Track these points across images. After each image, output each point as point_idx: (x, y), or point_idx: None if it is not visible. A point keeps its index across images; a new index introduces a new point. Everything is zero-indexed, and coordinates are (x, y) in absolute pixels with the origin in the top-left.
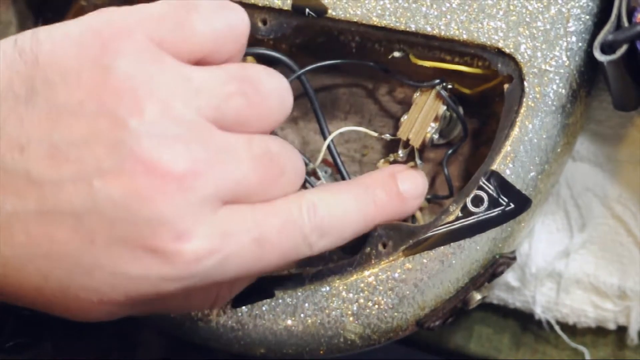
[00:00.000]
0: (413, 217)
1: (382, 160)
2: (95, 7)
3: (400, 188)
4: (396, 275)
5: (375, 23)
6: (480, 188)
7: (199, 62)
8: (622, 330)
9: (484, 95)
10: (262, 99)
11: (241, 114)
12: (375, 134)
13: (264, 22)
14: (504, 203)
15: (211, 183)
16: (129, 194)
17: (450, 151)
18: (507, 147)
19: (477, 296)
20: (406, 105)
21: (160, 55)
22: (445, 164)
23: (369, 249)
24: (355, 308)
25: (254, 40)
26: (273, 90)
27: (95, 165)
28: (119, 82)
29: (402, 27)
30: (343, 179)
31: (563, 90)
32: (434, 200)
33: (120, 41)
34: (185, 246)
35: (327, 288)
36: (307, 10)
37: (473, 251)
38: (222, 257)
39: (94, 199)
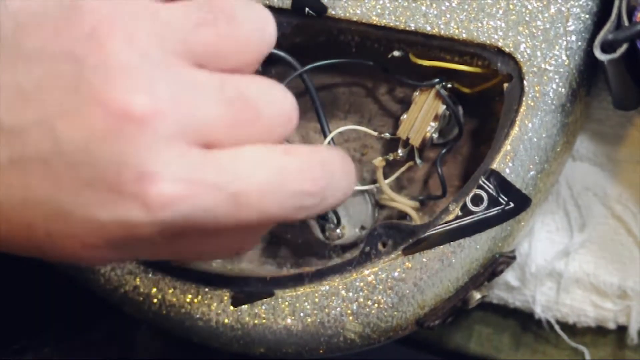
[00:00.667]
0: (409, 217)
1: (379, 159)
2: None
3: None
4: (396, 274)
5: (374, 22)
6: (480, 187)
7: None
8: (622, 329)
9: (483, 94)
10: (234, 29)
11: (212, 46)
12: (375, 133)
13: None
14: (504, 202)
15: (174, 123)
16: (89, 136)
17: (444, 150)
18: (507, 146)
19: (477, 295)
20: (406, 104)
21: None
22: (439, 163)
23: (368, 248)
24: (355, 307)
25: None
26: (249, 20)
27: (56, 108)
28: (82, 21)
29: (402, 26)
30: None
31: (563, 90)
32: (427, 200)
33: None
34: (150, 188)
35: (327, 287)
36: (306, 9)
37: (473, 250)
38: (192, 206)
39: (57, 143)
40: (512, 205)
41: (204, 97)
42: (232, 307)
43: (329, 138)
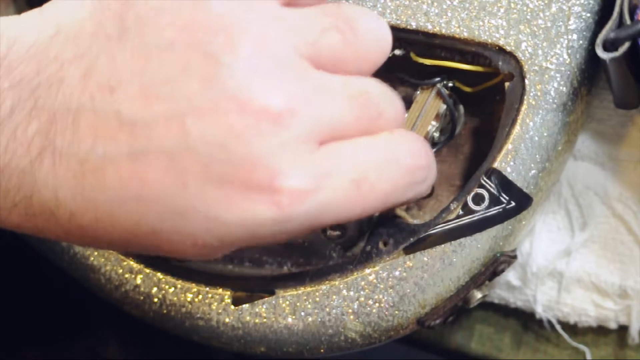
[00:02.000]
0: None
1: None
2: None
3: None
4: (397, 273)
5: None
6: (481, 186)
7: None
8: (623, 329)
9: (484, 93)
10: (358, 37)
11: (337, 52)
12: None
13: None
14: (505, 201)
15: (307, 121)
16: (222, 133)
17: (435, 149)
18: (508, 145)
19: (478, 295)
20: (407, 103)
21: None
22: None
23: (369, 247)
24: (355, 306)
25: None
26: (370, 29)
27: (187, 103)
28: (212, 20)
29: (403, 25)
30: None
31: (564, 88)
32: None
33: None
34: (281, 186)
35: (328, 286)
36: None
37: (474, 249)
38: (321, 199)
39: (186, 138)
40: (513, 204)
41: (332, 96)
42: (232, 307)
43: None
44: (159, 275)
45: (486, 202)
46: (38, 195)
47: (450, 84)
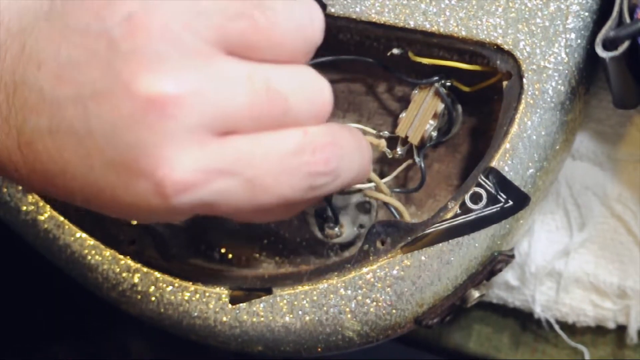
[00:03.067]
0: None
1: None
2: None
3: None
4: (394, 272)
5: (374, 20)
6: (479, 185)
7: None
8: (621, 329)
9: (482, 92)
10: (273, 24)
11: (246, 38)
12: (374, 132)
13: None
14: (503, 200)
15: (197, 113)
16: (115, 118)
17: (428, 144)
18: (506, 144)
19: (475, 294)
20: (405, 102)
21: None
22: (421, 156)
23: (367, 246)
24: (353, 305)
25: None
26: (291, 16)
27: (90, 87)
28: (121, 6)
29: (401, 24)
30: None
31: (562, 87)
32: (404, 192)
33: None
34: (164, 176)
35: (325, 285)
36: None
37: (471, 248)
38: (209, 193)
39: (88, 121)
40: (511, 203)
41: (232, 87)
42: (230, 305)
43: None
44: (156, 274)
45: (484, 201)
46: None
47: (449, 83)
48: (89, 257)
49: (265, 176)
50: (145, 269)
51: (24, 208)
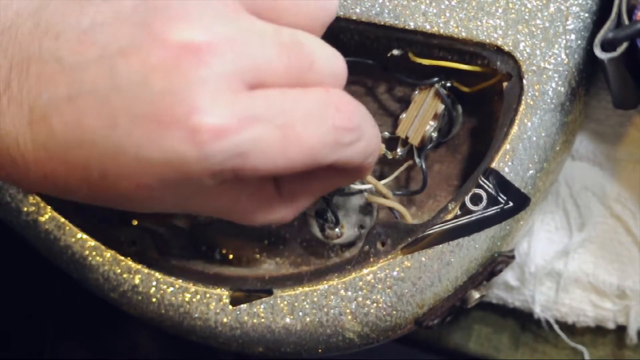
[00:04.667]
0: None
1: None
2: None
3: None
4: (395, 273)
5: (374, 21)
6: (479, 186)
7: None
8: (621, 329)
9: (483, 93)
10: None
11: (275, 1)
12: None
13: None
14: (503, 201)
15: (230, 60)
16: (145, 69)
17: (429, 146)
18: (506, 145)
19: (476, 295)
20: (405, 103)
21: None
22: (422, 157)
23: (367, 247)
24: (353, 306)
25: None
26: None
27: (117, 45)
28: None
29: (401, 25)
30: None
31: (562, 88)
32: (406, 195)
33: None
34: (200, 121)
35: (326, 286)
36: None
37: (472, 249)
38: (243, 139)
39: (113, 78)
40: (511, 204)
41: (261, 39)
42: (231, 307)
43: None
44: (157, 275)
45: (484, 202)
46: (2, 143)
47: (449, 84)
48: (90, 258)
49: (296, 123)
50: (146, 270)
51: (25, 209)
